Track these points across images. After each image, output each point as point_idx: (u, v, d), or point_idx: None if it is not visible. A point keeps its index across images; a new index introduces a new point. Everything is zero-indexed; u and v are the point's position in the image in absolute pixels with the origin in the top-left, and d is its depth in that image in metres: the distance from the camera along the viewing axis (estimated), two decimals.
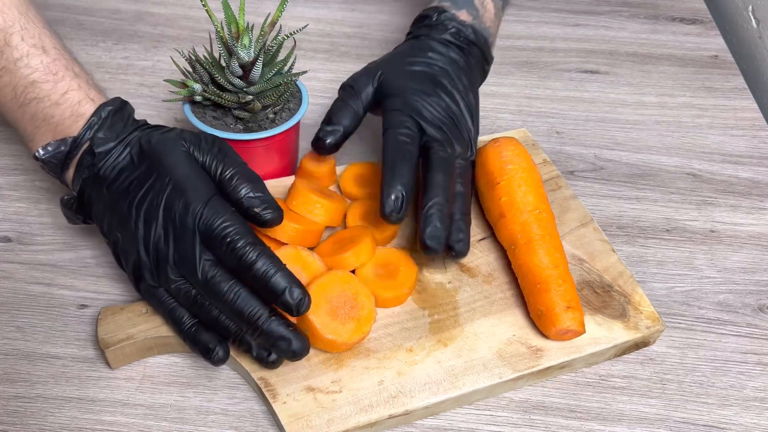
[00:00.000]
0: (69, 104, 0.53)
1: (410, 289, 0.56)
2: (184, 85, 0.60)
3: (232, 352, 0.52)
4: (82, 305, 0.57)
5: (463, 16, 0.63)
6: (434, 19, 0.63)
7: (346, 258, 0.55)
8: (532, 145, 0.70)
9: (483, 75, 0.66)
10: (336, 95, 0.61)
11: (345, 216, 0.61)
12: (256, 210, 0.50)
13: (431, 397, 0.51)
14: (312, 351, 0.52)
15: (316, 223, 0.58)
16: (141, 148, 0.52)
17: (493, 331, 0.55)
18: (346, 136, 0.60)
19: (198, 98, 0.60)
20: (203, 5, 0.56)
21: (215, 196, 0.49)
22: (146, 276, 0.50)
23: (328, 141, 0.59)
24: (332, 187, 0.64)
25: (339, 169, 0.65)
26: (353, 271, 0.56)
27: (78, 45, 0.81)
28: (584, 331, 0.54)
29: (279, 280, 0.47)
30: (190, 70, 0.60)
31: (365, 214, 0.60)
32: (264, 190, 0.51)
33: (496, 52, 0.85)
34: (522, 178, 0.59)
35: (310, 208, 0.57)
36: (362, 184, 0.63)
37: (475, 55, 0.64)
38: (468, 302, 0.57)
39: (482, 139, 0.68)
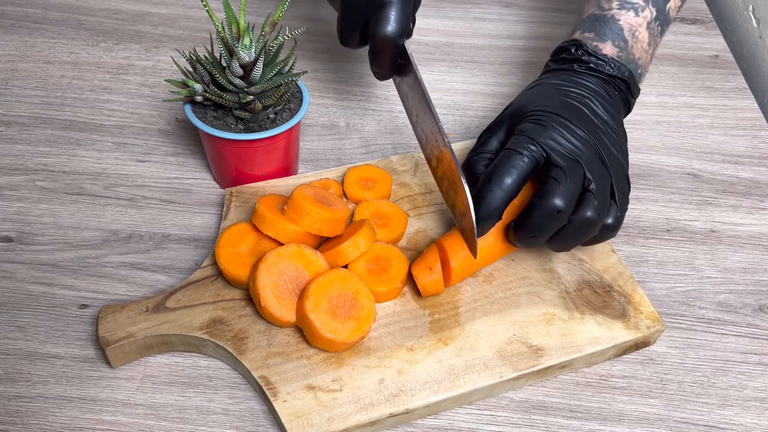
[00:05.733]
0: None
1: (402, 283, 0.56)
2: (184, 85, 0.60)
3: (233, 352, 0.52)
4: (82, 305, 0.57)
5: (607, 49, 0.60)
6: (572, 53, 0.61)
7: (344, 248, 0.55)
8: None
9: (626, 108, 0.62)
10: (336, 95, 0.61)
11: (348, 221, 0.60)
12: None
13: (432, 396, 0.51)
14: (312, 350, 0.53)
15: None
16: None
17: (494, 331, 0.55)
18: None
19: (199, 98, 0.60)
20: (204, 5, 0.57)
21: None
22: None
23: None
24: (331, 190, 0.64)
25: (340, 172, 0.66)
26: (346, 266, 0.56)
27: (79, 45, 0.81)
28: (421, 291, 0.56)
29: None
30: (191, 70, 0.60)
31: (372, 215, 0.60)
32: None
33: (497, 52, 0.85)
34: None
35: (306, 220, 0.56)
36: (366, 187, 0.63)
37: (617, 86, 0.60)
38: (468, 302, 0.57)
39: None
